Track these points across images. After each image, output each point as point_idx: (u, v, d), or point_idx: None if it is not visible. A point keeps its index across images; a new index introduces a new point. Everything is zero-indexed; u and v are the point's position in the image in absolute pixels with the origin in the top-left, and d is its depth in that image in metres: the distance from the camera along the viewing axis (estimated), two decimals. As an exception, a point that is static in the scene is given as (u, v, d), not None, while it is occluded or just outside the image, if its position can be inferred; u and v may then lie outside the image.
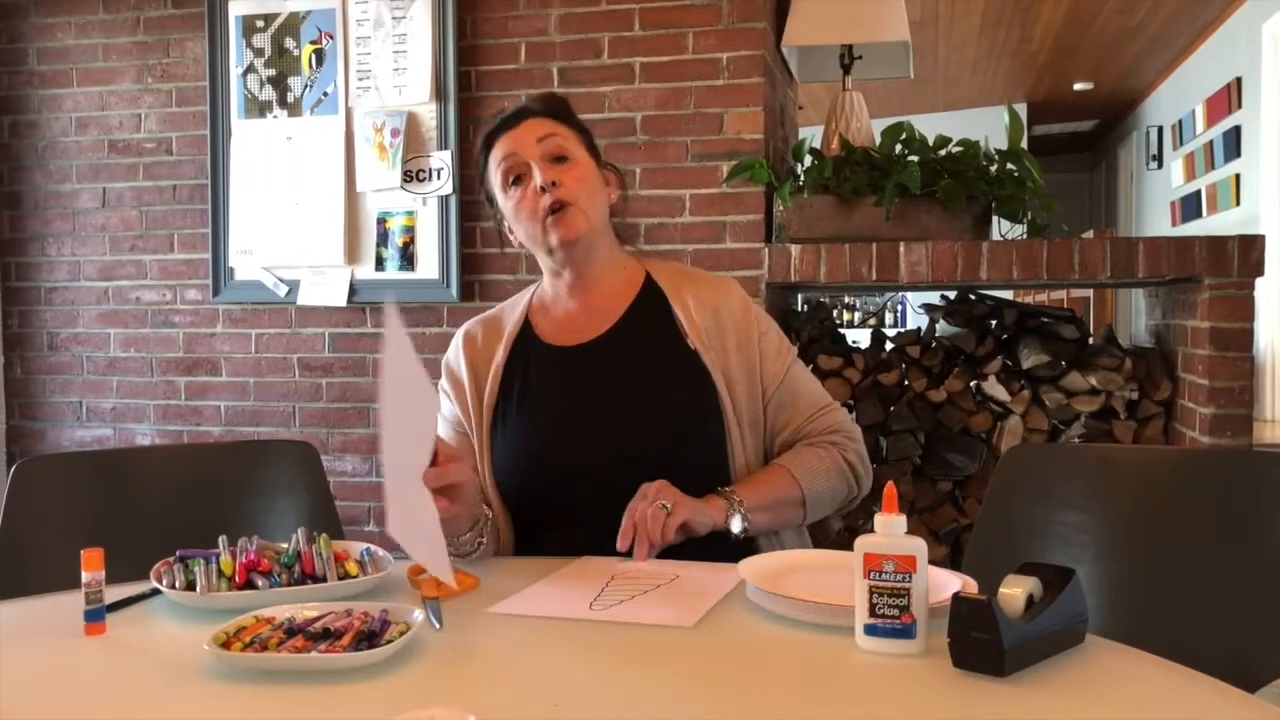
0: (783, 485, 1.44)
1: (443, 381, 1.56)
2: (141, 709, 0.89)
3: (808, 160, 2.67)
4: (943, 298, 2.91)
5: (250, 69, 3.05)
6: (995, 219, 2.67)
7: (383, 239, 2.96)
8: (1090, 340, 2.74)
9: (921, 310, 3.13)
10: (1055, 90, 7.41)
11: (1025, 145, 2.69)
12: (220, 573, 1.15)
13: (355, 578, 1.17)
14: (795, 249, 2.62)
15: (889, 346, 2.83)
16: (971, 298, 2.83)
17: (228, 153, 3.07)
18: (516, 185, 1.47)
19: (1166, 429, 2.62)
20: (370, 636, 0.97)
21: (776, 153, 2.90)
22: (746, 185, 2.74)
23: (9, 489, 1.56)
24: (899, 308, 7.24)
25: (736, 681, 0.93)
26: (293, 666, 0.93)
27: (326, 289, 2.99)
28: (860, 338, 3.05)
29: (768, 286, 2.68)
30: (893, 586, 0.95)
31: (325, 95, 3.00)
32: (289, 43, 3.03)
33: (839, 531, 2.62)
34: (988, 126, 3.32)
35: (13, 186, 3.29)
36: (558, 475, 1.44)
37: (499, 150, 1.49)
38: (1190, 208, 6.28)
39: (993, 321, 2.77)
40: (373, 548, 1.23)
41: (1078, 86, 7.34)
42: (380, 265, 2.96)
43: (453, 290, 2.91)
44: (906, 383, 2.74)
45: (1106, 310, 6.51)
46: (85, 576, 1.05)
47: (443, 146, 2.91)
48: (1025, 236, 2.62)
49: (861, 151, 2.65)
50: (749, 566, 1.16)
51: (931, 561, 0.99)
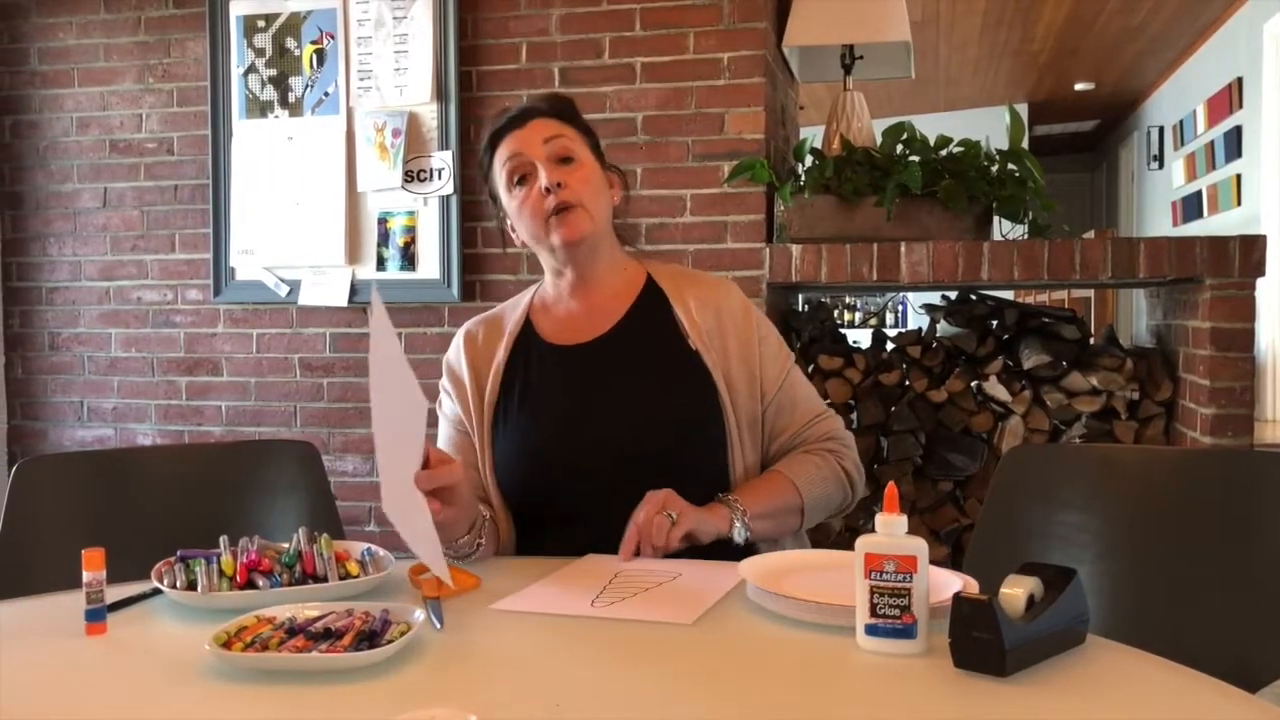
0: (784, 493, 1.44)
1: (443, 380, 1.56)
2: (142, 709, 0.89)
3: (809, 160, 2.67)
4: (944, 298, 2.91)
5: (251, 69, 3.05)
6: (996, 219, 2.67)
7: (384, 239, 2.96)
8: (1091, 340, 2.74)
9: (922, 310, 3.13)
10: (1056, 90, 7.40)
11: (1026, 145, 2.68)
12: (221, 572, 1.15)
13: (356, 578, 1.17)
14: (796, 249, 2.61)
15: (890, 347, 2.83)
16: (972, 298, 2.83)
17: (229, 153, 3.07)
18: (521, 185, 1.47)
19: (1167, 429, 2.62)
20: (371, 636, 0.97)
21: (778, 153, 2.90)
22: (747, 185, 2.74)
23: (10, 489, 1.56)
24: (900, 308, 7.23)
25: (737, 681, 0.93)
26: (294, 666, 0.93)
27: (327, 289, 3.00)
28: (861, 338, 3.05)
29: (769, 287, 2.68)
30: (894, 586, 0.95)
31: (326, 95, 3.00)
32: (290, 43, 3.03)
33: (840, 531, 2.62)
34: (989, 127, 3.32)
35: (14, 186, 3.29)
36: (559, 474, 1.44)
37: (504, 150, 1.48)
38: (1191, 208, 6.28)
39: (994, 322, 2.78)
40: (373, 548, 1.23)
41: (1079, 87, 7.34)
42: (381, 265, 2.96)
43: (454, 290, 2.91)
44: (907, 383, 2.74)
45: (1107, 310, 6.52)
46: (86, 576, 1.05)
47: (444, 147, 2.91)
48: (1026, 237, 2.62)
49: (862, 151, 2.65)
50: (749, 566, 1.16)
51: (932, 562, 0.99)
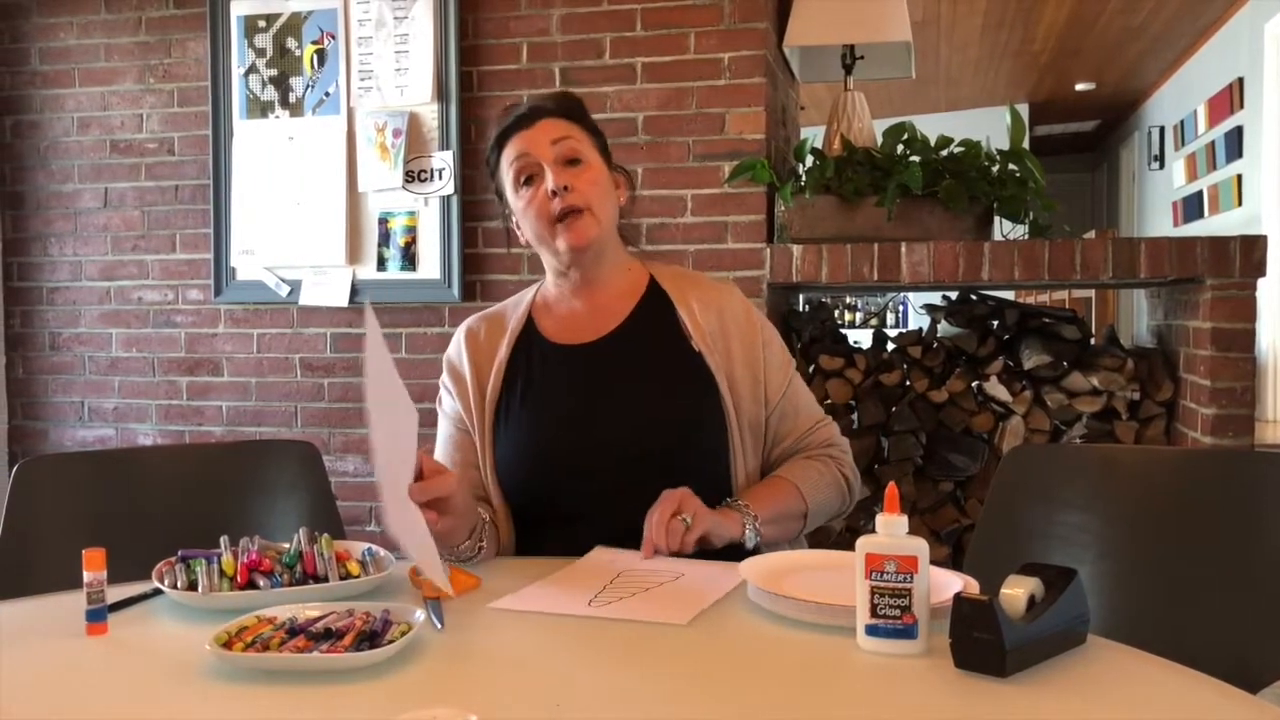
0: (790, 498, 1.45)
1: (444, 377, 1.55)
2: (143, 709, 0.89)
3: (809, 160, 2.67)
4: (944, 298, 2.91)
5: (252, 69, 3.05)
6: (997, 219, 2.67)
7: (384, 239, 2.96)
8: (1092, 341, 2.74)
9: (923, 310, 3.13)
10: (1057, 90, 7.40)
11: (1027, 145, 2.68)
12: (222, 573, 1.15)
13: (357, 578, 1.17)
14: (797, 249, 2.61)
15: (891, 347, 2.83)
16: (973, 298, 2.83)
17: (229, 153, 3.07)
18: (528, 186, 1.47)
19: (1168, 429, 2.62)
20: (372, 636, 0.97)
21: (778, 153, 2.90)
22: (748, 185, 2.74)
23: (11, 489, 1.56)
24: (900, 308, 7.23)
25: (738, 682, 0.93)
26: (294, 666, 0.93)
27: (328, 289, 2.99)
28: (862, 338, 3.05)
29: (769, 287, 2.68)
30: (894, 587, 0.95)
31: (327, 95, 3.00)
32: (291, 43, 3.03)
33: (840, 532, 2.62)
34: (989, 127, 3.32)
35: (15, 186, 3.29)
36: (561, 474, 1.44)
37: (512, 149, 1.48)
38: (1192, 208, 6.28)
39: (994, 322, 2.77)
40: (374, 548, 1.23)
41: (1079, 87, 7.33)
42: (382, 265, 2.96)
43: (454, 290, 2.91)
44: (908, 383, 2.74)
45: (1108, 311, 6.52)
46: (87, 576, 1.05)
47: (444, 147, 2.91)
48: (1027, 237, 2.62)
49: (863, 152, 2.64)
50: (750, 566, 1.16)
51: (933, 562, 0.99)
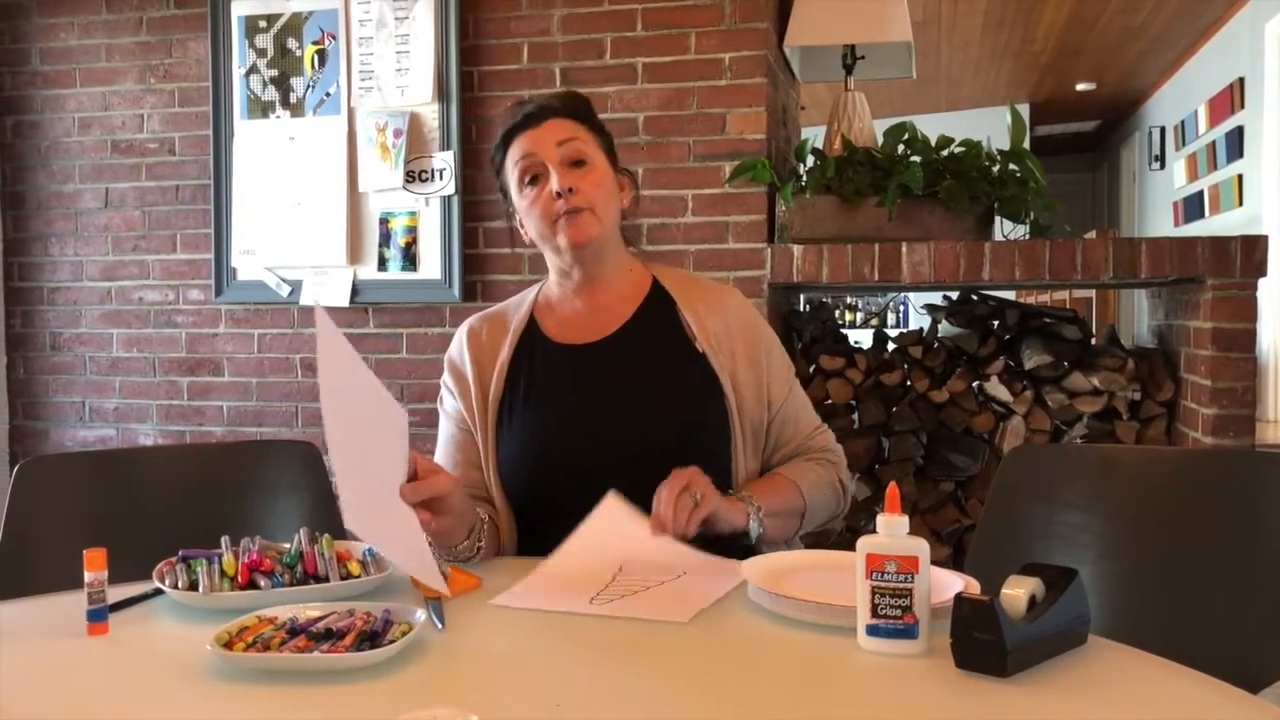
0: (790, 495, 1.46)
1: (445, 377, 1.55)
2: (144, 709, 0.89)
3: (810, 160, 2.67)
4: (945, 298, 2.91)
5: (253, 69, 3.06)
6: (998, 219, 2.67)
7: (385, 239, 2.96)
8: (1093, 341, 2.74)
9: (924, 311, 3.13)
10: (1058, 91, 7.40)
11: (1028, 146, 2.68)
12: (223, 573, 1.15)
13: (357, 578, 1.17)
14: (798, 249, 2.61)
15: (891, 347, 2.83)
16: (974, 298, 2.83)
17: (230, 153, 3.07)
18: (532, 185, 1.47)
19: (1169, 430, 2.62)
20: (373, 636, 0.97)
21: (779, 153, 2.90)
22: (749, 185, 2.73)
23: (12, 489, 1.56)
24: (901, 308, 7.23)
25: (738, 682, 0.93)
26: (295, 666, 0.93)
27: (329, 289, 3.00)
28: (862, 338, 3.04)
29: (770, 287, 2.68)
30: (895, 587, 0.95)
31: (328, 95, 3.00)
32: (291, 43, 3.03)
33: (841, 532, 2.62)
34: (990, 127, 3.32)
35: (15, 186, 3.29)
36: (563, 474, 1.44)
37: (518, 148, 1.48)
38: (1193, 208, 6.27)
39: (995, 322, 2.77)
40: (375, 548, 1.23)
41: (1080, 87, 7.33)
42: (383, 265, 2.96)
43: (455, 291, 2.91)
44: (909, 383, 2.74)
45: (1109, 311, 6.51)
46: (88, 576, 1.05)
47: (445, 147, 2.91)
48: (1028, 237, 2.62)
49: (864, 152, 2.64)
50: (750, 566, 1.16)
51: (934, 562, 0.99)
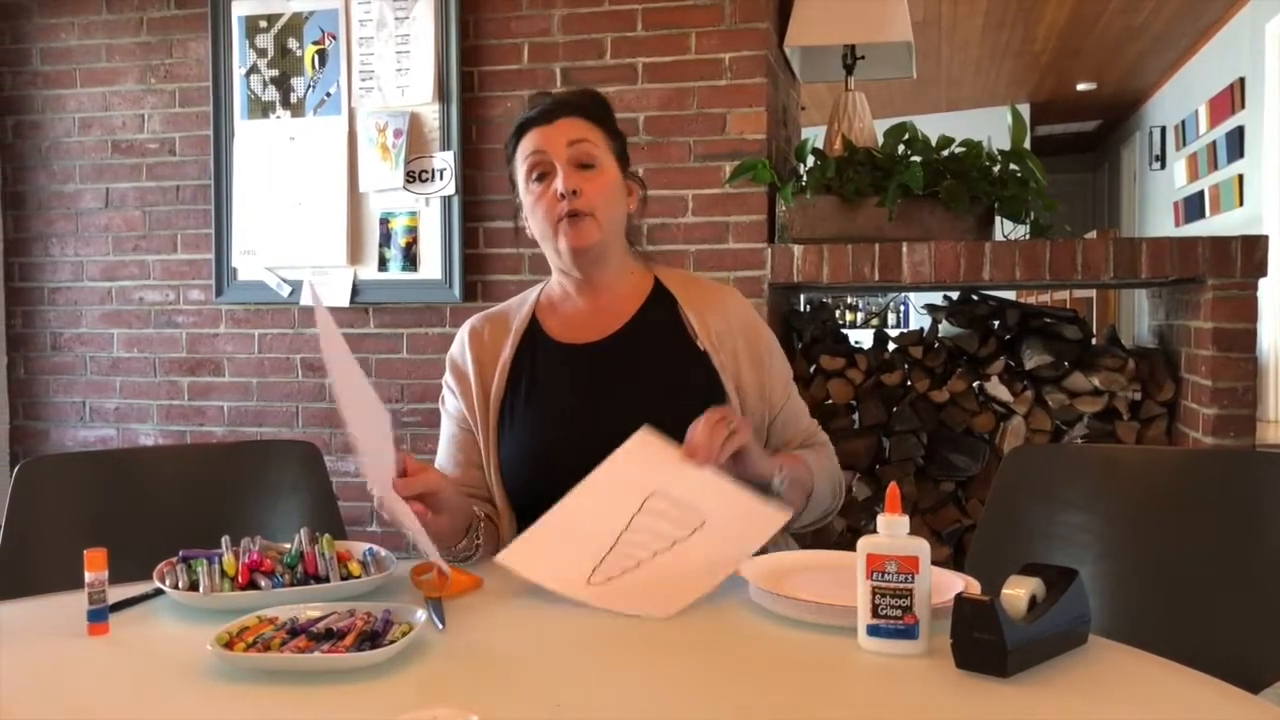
0: (803, 470, 1.46)
1: (447, 376, 1.56)
2: (144, 709, 0.89)
3: (810, 160, 2.67)
4: (945, 298, 2.91)
5: (253, 69, 3.06)
6: (998, 219, 2.67)
7: (385, 239, 2.96)
8: (1093, 341, 2.74)
9: (924, 311, 3.13)
10: (1058, 90, 7.40)
11: (1028, 145, 2.68)
12: (223, 573, 1.15)
13: (358, 578, 1.17)
14: (798, 249, 2.61)
15: (892, 347, 2.82)
16: (974, 298, 2.83)
17: (231, 153, 3.07)
18: (539, 181, 1.47)
19: (1169, 430, 2.62)
20: (373, 637, 0.97)
21: (779, 153, 2.90)
22: (749, 186, 2.73)
23: (12, 489, 1.56)
24: (901, 308, 7.23)
25: (738, 682, 0.93)
26: (295, 667, 0.93)
27: (329, 289, 3.00)
28: (863, 338, 3.04)
29: (770, 287, 2.68)
30: (895, 587, 0.95)
31: (328, 96, 3.00)
32: (292, 43, 3.03)
33: (841, 532, 2.62)
34: (991, 127, 3.32)
35: (16, 187, 3.30)
36: (565, 473, 1.43)
37: (528, 143, 1.48)
38: (1193, 208, 6.27)
39: (995, 322, 2.77)
40: (375, 548, 1.23)
41: (1080, 87, 7.33)
42: (383, 266, 2.96)
43: (455, 291, 2.91)
44: (909, 383, 2.74)
45: (1109, 311, 6.51)
46: (88, 576, 1.05)
47: (445, 147, 2.91)
48: (1028, 237, 2.62)
49: (864, 152, 2.64)
50: (750, 567, 1.16)
51: (934, 562, 0.99)
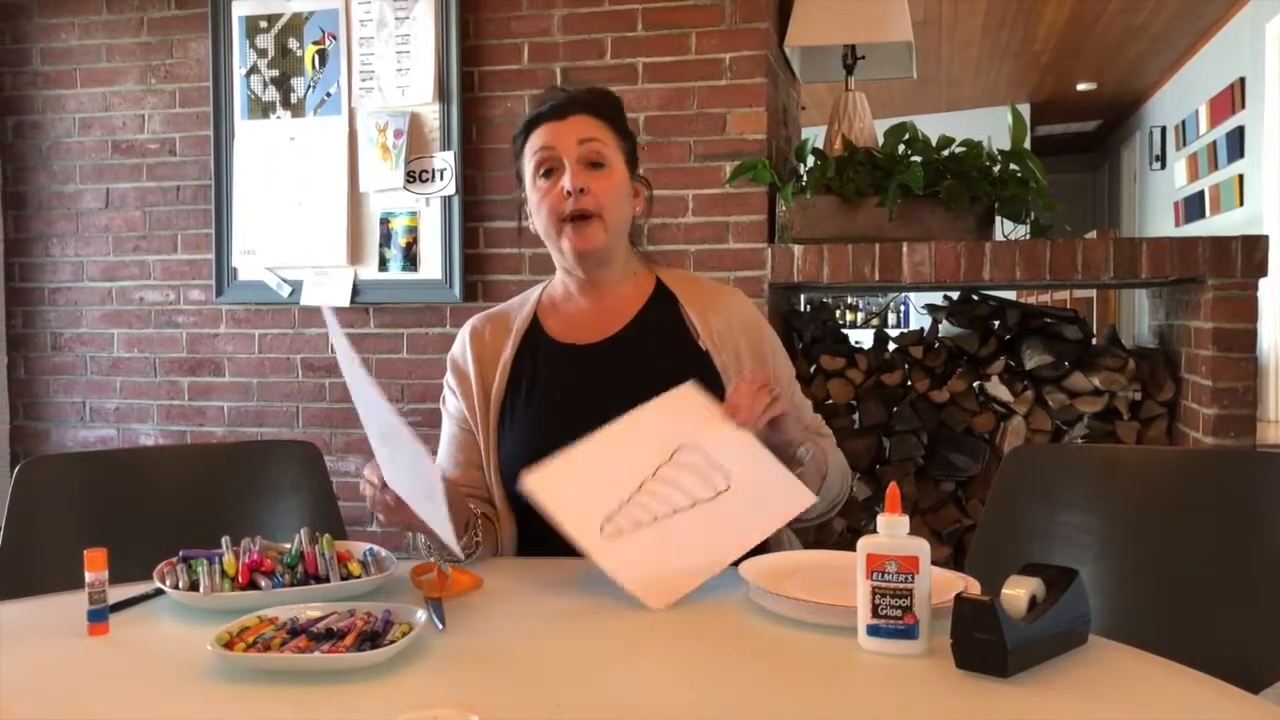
0: (819, 455, 1.46)
1: (448, 376, 1.56)
2: (145, 709, 0.89)
3: (810, 160, 2.67)
4: (945, 298, 2.91)
5: (253, 70, 3.06)
6: (998, 219, 2.67)
7: (386, 239, 2.96)
8: (1093, 341, 2.74)
9: (924, 311, 3.13)
10: (1058, 90, 7.40)
11: (1028, 145, 2.68)
12: (223, 573, 1.15)
13: (358, 578, 1.17)
14: (798, 249, 2.61)
15: (892, 347, 2.82)
16: (974, 298, 2.83)
17: (231, 153, 3.07)
18: (546, 178, 1.47)
19: (1170, 430, 2.62)
20: (373, 637, 0.97)
21: (779, 153, 2.90)
22: (749, 185, 2.73)
23: (13, 489, 1.56)
24: (902, 308, 7.23)
25: (738, 681, 0.93)
26: (296, 667, 0.93)
27: (330, 289, 3.00)
28: (863, 338, 3.04)
29: (770, 287, 2.68)
30: (895, 587, 0.95)
31: (328, 96, 3.00)
32: (292, 43, 3.03)
33: (841, 532, 2.62)
34: (991, 127, 3.32)
35: (16, 187, 3.30)
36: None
37: (537, 138, 1.48)
38: (1193, 208, 6.27)
39: (995, 322, 2.77)
40: (375, 548, 1.23)
41: (1081, 87, 7.33)
42: (383, 266, 2.96)
43: (455, 291, 2.91)
44: (909, 383, 2.74)
45: (1109, 311, 6.50)
46: (89, 577, 1.05)
47: (445, 147, 2.91)
48: (1028, 237, 2.62)
49: (864, 152, 2.64)
50: (750, 567, 1.16)
51: (934, 562, 0.99)
